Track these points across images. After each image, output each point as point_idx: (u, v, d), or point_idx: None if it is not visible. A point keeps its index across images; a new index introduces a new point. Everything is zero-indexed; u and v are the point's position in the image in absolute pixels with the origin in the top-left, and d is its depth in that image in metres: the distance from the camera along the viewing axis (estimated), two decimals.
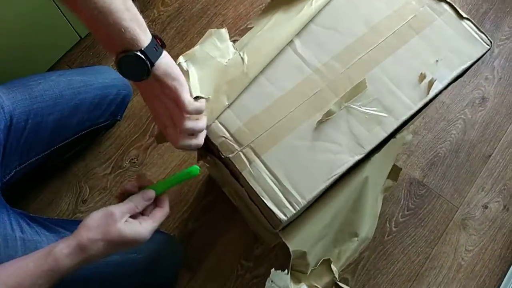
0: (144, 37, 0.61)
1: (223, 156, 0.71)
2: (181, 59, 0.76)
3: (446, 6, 0.81)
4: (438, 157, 1.35)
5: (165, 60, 0.64)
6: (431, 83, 0.75)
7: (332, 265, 0.87)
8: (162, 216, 0.67)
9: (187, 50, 0.79)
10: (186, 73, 0.74)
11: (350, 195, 0.82)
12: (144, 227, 0.64)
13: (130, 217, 0.64)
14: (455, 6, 0.80)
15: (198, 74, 0.74)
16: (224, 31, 0.79)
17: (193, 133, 0.68)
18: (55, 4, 1.18)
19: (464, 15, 0.80)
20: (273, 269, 0.76)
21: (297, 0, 0.83)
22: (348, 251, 0.89)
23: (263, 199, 0.67)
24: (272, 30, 0.79)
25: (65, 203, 1.24)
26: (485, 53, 0.78)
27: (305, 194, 0.68)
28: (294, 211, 0.67)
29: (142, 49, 0.61)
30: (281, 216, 0.67)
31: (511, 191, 1.32)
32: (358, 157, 0.71)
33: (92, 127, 1.11)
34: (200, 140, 0.69)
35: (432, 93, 0.74)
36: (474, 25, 0.80)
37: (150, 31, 0.63)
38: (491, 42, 0.79)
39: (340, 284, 0.84)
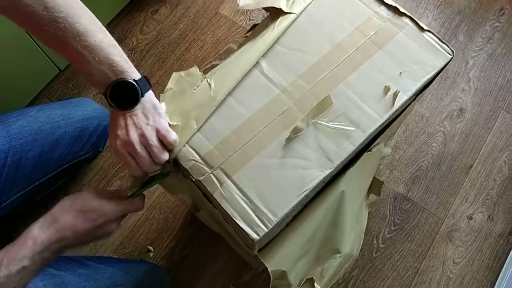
0: (134, 72, 0.67)
1: (194, 180, 0.71)
2: None
3: (407, 20, 0.82)
4: (421, 170, 1.36)
5: (152, 95, 0.70)
6: (395, 95, 0.76)
7: (315, 284, 0.87)
8: (131, 206, 0.72)
9: (167, 77, 0.82)
10: None
11: (328, 210, 0.82)
12: (110, 203, 0.68)
13: None
14: (415, 19, 0.82)
15: (166, 106, 0.76)
16: (194, 69, 0.80)
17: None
18: (31, 38, 1.20)
19: (425, 28, 0.82)
20: None
21: (262, 26, 0.85)
22: (331, 268, 0.89)
23: (235, 219, 0.67)
24: (238, 57, 0.81)
25: None
26: (448, 62, 0.80)
27: (276, 212, 0.68)
28: (266, 230, 0.67)
29: (135, 79, 0.66)
30: (254, 235, 0.67)
31: (494, 201, 1.33)
32: (328, 171, 0.71)
33: (74, 160, 1.11)
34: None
35: (397, 104, 0.76)
36: (436, 36, 0.81)
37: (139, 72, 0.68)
38: (452, 51, 0.80)
39: None
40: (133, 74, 0.67)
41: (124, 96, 0.66)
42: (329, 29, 0.81)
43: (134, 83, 0.66)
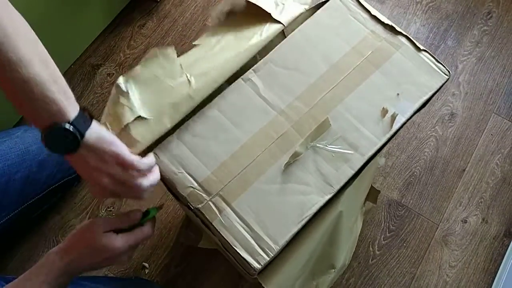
0: (72, 109, 0.59)
1: (192, 208, 0.70)
2: (120, 79, 0.74)
3: (403, 39, 0.82)
4: (414, 176, 1.36)
5: (95, 129, 0.61)
6: (393, 117, 0.76)
7: None
8: (141, 234, 0.69)
9: None
10: (126, 94, 0.72)
11: (326, 230, 0.82)
12: (120, 238, 0.66)
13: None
14: (412, 38, 0.82)
15: (140, 95, 0.73)
16: (171, 51, 0.77)
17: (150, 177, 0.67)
18: None
19: (421, 47, 0.81)
20: None
21: (248, 26, 0.83)
22: (325, 282, 0.90)
23: (236, 248, 0.67)
24: (221, 54, 0.79)
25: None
26: (444, 83, 0.80)
27: (277, 239, 0.68)
28: (268, 258, 0.67)
29: (70, 121, 0.58)
30: (255, 264, 0.66)
31: (488, 203, 1.33)
32: (328, 197, 0.71)
33: (63, 179, 1.10)
34: (156, 174, 0.68)
35: (395, 126, 0.76)
36: (432, 56, 0.81)
37: (78, 104, 0.61)
38: (449, 72, 0.81)
39: None
40: (70, 112, 0.58)
41: (61, 143, 0.59)
42: (325, 48, 0.81)
43: (69, 126, 0.58)
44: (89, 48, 1.49)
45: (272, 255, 0.67)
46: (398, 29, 0.82)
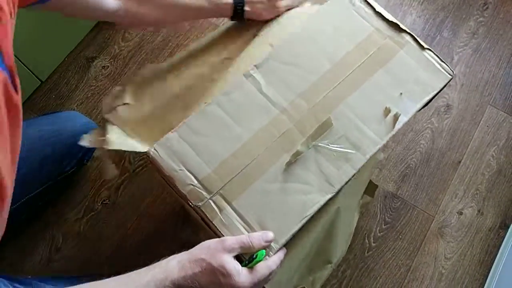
0: None
1: (192, 205, 0.69)
2: None
3: (408, 37, 0.81)
4: (410, 168, 1.36)
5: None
6: (396, 117, 0.75)
7: None
8: (264, 268, 0.64)
9: None
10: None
11: (324, 227, 0.82)
12: (244, 273, 0.62)
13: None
14: (416, 37, 0.81)
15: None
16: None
17: None
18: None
19: (426, 46, 0.80)
20: None
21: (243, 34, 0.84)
22: (322, 277, 0.89)
23: None
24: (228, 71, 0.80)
25: (38, 254, 1.21)
26: (447, 83, 0.79)
27: (277, 238, 0.67)
28: (268, 257, 0.66)
29: None
30: None
31: (483, 195, 1.34)
32: (328, 196, 0.70)
33: (59, 176, 1.09)
34: None
35: (398, 127, 0.74)
36: (436, 55, 0.80)
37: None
38: (452, 71, 0.79)
39: None
40: None
41: None
42: (329, 45, 0.80)
43: None
44: (83, 40, 1.48)
45: (272, 254, 0.66)
46: (402, 26, 0.81)
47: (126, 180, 1.30)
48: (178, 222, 1.26)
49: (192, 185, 0.70)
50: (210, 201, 0.69)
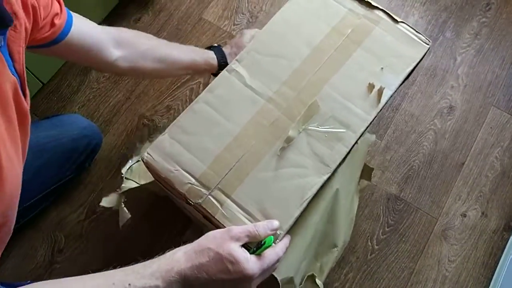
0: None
1: (192, 203, 0.70)
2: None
3: (381, 14, 0.83)
4: (413, 170, 1.35)
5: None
6: (380, 91, 0.76)
7: (316, 280, 0.88)
8: (273, 254, 0.63)
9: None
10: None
11: (325, 209, 0.83)
12: (252, 260, 0.61)
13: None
14: (388, 12, 0.83)
15: None
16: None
17: None
18: None
19: (399, 19, 0.82)
20: None
21: None
22: (329, 262, 0.91)
23: None
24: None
25: (40, 255, 1.21)
26: (426, 52, 0.80)
27: (281, 225, 0.68)
28: (274, 245, 0.66)
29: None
30: None
31: (487, 197, 1.33)
32: (325, 177, 0.71)
33: (59, 182, 1.09)
34: None
35: (383, 100, 0.76)
36: (410, 27, 0.82)
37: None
38: (429, 41, 0.81)
39: None
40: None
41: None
42: (306, 32, 0.81)
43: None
44: None
45: (278, 241, 0.67)
46: (373, 3, 0.83)
47: None
48: (180, 224, 1.26)
49: (190, 183, 0.71)
50: (210, 196, 0.70)
